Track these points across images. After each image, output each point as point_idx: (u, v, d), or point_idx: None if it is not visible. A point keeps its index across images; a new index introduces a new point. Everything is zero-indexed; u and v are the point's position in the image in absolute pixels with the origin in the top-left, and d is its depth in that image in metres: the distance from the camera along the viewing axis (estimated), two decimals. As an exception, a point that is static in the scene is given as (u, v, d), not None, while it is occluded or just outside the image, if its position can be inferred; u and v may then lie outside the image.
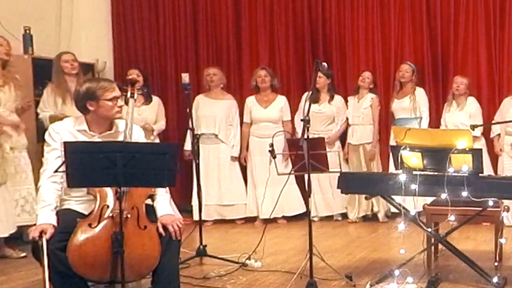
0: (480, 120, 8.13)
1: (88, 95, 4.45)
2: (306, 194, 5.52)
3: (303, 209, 8.45)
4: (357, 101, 8.59)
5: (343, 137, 8.70)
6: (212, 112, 8.60)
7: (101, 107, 4.46)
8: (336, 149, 8.34)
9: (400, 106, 8.43)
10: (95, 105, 4.45)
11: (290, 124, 8.66)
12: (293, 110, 8.74)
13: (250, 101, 8.68)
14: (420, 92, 8.46)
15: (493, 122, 7.94)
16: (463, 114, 8.13)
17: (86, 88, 4.47)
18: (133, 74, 7.88)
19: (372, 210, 8.56)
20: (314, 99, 8.22)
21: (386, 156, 8.45)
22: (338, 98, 8.66)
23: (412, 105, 8.37)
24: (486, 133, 8.16)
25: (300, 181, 8.32)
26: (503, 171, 7.85)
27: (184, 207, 8.37)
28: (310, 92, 5.70)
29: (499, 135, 8.00)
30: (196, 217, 7.59)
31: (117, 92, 4.54)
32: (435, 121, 8.47)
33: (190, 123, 6.57)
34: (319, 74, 8.07)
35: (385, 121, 8.72)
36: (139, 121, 7.27)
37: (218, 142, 8.28)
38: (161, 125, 8.33)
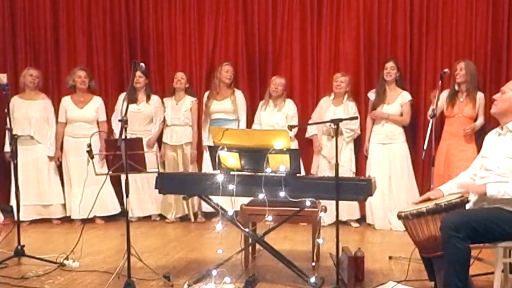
0: (297, 121, 8.29)
1: None
2: (121, 194, 5.36)
3: (118, 209, 8.48)
4: (176, 103, 8.54)
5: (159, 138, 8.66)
6: (27, 113, 8.34)
7: None
8: (154, 149, 8.32)
9: (221, 108, 8.41)
10: None
11: (105, 125, 8.54)
12: (111, 110, 8.63)
13: (66, 101, 8.46)
14: (239, 94, 8.52)
15: (310, 122, 8.08)
16: (280, 115, 8.24)
17: None
18: None
19: (190, 210, 8.53)
20: (132, 99, 8.18)
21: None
22: (155, 98, 8.61)
23: (233, 107, 8.39)
24: (301, 133, 8.36)
25: (115, 182, 8.25)
26: (320, 171, 8.05)
27: (4, 207, 8.00)
28: (131, 92, 5.60)
29: (316, 134, 8.17)
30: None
31: None
32: (251, 121, 8.54)
33: (8, 124, 6.32)
34: (139, 74, 8.17)
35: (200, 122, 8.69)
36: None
37: (35, 143, 8.27)
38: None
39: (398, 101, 8.02)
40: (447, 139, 7.67)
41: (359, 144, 8.36)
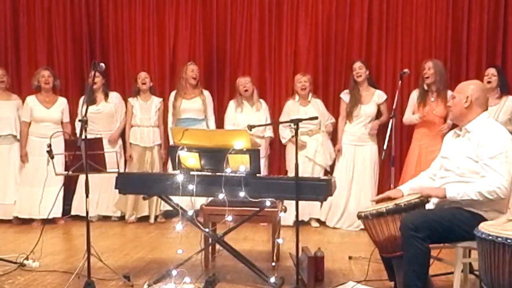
0: (269, 121, 8.29)
1: None
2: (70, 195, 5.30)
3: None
4: (144, 103, 8.49)
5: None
6: (3, 113, 8.35)
7: None
8: (117, 149, 8.25)
9: (191, 107, 8.36)
10: None
11: (69, 126, 8.47)
12: (73, 110, 8.57)
13: (32, 100, 8.37)
14: (207, 94, 8.50)
15: (273, 122, 8.08)
16: (261, 114, 8.24)
17: None
18: None
19: (155, 210, 8.48)
20: (92, 100, 8.15)
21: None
22: (113, 95, 8.58)
23: (203, 106, 8.36)
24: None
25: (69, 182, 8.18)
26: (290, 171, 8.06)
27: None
28: (86, 94, 5.57)
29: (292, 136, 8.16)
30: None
31: None
32: (219, 121, 8.52)
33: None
34: (96, 74, 7.98)
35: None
36: None
37: (14, 142, 8.42)
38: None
39: (374, 100, 8.07)
40: (419, 139, 7.71)
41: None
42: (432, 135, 7.59)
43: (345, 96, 8.20)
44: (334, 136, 8.33)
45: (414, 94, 7.79)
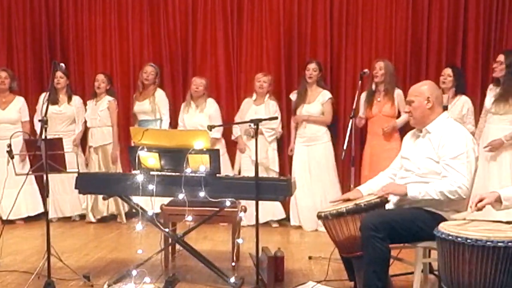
0: (220, 121, 8.24)
1: None
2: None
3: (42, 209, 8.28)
4: (95, 103, 8.43)
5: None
6: None
7: None
8: (75, 149, 8.19)
9: (141, 109, 8.35)
10: None
11: (28, 125, 8.40)
12: (32, 110, 8.50)
13: None
14: (160, 94, 8.45)
15: (231, 122, 8.05)
16: (202, 116, 8.17)
17: None
18: None
19: (110, 210, 8.46)
20: (53, 100, 8.09)
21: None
22: (76, 99, 8.53)
23: (152, 107, 8.32)
24: (228, 134, 8.36)
25: (40, 182, 8.09)
26: (244, 171, 8.03)
27: None
28: (48, 93, 5.52)
29: (240, 135, 8.17)
30: None
31: None
32: (176, 123, 8.48)
33: None
34: (60, 74, 8.12)
35: (127, 123, 8.56)
36: None
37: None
38: None
39: (319, 100, 8.05)
40: (370, 140, 7.77)
41: (282, 144, 8.40)
42: (381, 135, 7.65)
43: (293, 96, 8.23)
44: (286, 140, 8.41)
45: (364, 95, 7.85)
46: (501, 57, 6.98)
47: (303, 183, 7.77)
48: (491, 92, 7.12)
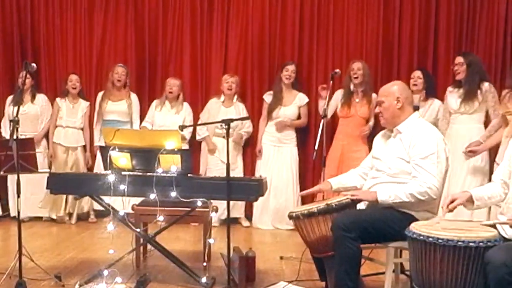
0: (192, 122, 8.26)
1: None
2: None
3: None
4: (71, 105, 8.39)
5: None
6: None
7: None
8: (41, 149, 8.19)
9: (115, 109, 8.29)
10: None
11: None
12: (1, 111, 8.46)
13: None
14: (134, 97, 8.43)
15: (203, 123, 8.03)
16: (178, 117, 8.18)
17: None
18: None
19: (81, 210, 8.45)
20: (18, 101, 7.90)
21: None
22: (40, 97, 8.46)
23: (128, 110, 8.30)
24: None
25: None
26: (210, 172, 8.02)
27: None
28: (18, 93, 5.52)
29: (208, 135, 8.16)
30: None
31: None
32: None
33: None
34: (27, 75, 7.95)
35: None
36: None
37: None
38: None
39: (296, 103, 8.11)
40: (341, 139, 7.77)
41: (249, 143, 8.45)
42: (355, 136, 7.70)
43: (267, 97, 8.25)
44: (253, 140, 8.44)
45: (339, 94, 7.86)
46: (460, 59, 7.13)
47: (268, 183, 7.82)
48: (454, 94, 7.21)
